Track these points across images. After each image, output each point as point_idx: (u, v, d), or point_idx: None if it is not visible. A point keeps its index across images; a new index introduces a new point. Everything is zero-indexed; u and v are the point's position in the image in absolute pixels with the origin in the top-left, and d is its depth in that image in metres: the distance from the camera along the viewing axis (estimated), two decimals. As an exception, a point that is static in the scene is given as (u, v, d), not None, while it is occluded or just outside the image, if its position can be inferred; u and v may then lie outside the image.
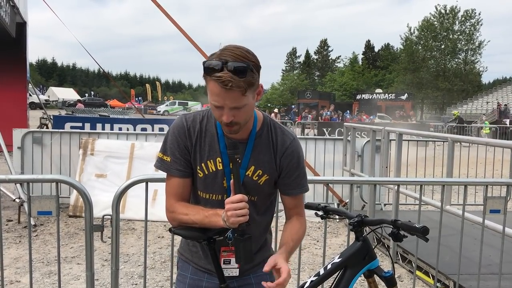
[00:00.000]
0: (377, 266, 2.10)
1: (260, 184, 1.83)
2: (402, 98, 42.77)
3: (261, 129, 1.83)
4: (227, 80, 1.55)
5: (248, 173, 1.81)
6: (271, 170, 1.83)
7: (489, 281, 3.96)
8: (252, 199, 1.83)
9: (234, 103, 1.61)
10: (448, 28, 54.74)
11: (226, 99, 1.60)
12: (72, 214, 6.68)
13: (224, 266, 1.85)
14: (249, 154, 1.81)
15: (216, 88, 1.59)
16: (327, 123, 26.24)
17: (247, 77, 1.58)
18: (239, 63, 1.56)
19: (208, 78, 1.60)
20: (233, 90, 1.57)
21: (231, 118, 1.64)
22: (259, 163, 1.81)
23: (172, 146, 1.81)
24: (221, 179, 1.81)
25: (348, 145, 7.47)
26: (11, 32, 11.27)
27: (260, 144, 1.82)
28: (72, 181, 2.74)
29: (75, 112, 22.35)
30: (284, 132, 1.86)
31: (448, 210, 4.70)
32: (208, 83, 1.62)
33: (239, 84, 1.57)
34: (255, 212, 1.85)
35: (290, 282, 4.90)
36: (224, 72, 1.55)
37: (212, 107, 1.68)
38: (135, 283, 4.47)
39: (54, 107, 47.38)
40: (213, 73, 1.57)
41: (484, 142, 5.76)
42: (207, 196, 1.84)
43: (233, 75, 1.55)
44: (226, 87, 1.56)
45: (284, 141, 1.83)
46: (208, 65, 1.59)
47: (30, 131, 7.54)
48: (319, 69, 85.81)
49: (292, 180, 1.86)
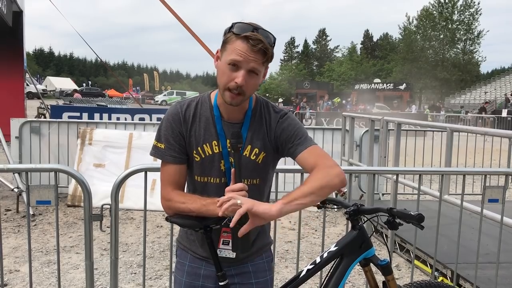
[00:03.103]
0: (373, 255, 2.10)
1: (259, 163, 1.84)
2: (401, 88, 42.72)
3: (255, 108, 1.86)
4: (258, 39, 1.63)
5: (245, 153, 1.82)
6: (267, 147, 1.85)
7: (486, 270, 3.98)
8: (254, 182, 1.84)
9: (254, 65, 1.66)
10: (447, 18, 54.53)
11: (249, 59, 1.65)
12: (71, 204, 6.68)
13: (222, 247, 1.85)
14: (245, 133, 1.83)
15: (243, 47, 1.64)
16: (326, 113, 26.17)
17: (271, 48, 1.68)
18: (267, 32, 1.68)
19: (234, 38, 1.65)
20: (259, 52, 1.65)
21: (244, 82, 1.67)
22: (255, 141, 1.83)
23: (166, 133, 1.82)
24: (218, 162, 1.82)
25: (346, 135, 7.47)
26: (8, 21, 11.19)
27: (254, 122, 1.85)
28: (71, 170, 2.73)
29: (73, 102, 22.31)
30: (275, 110, 1.90)
31: (446, 200, 4.72)
32: (231, 43, 1.66)
33: (267, 47, 1.66)
34: (259, 196, 1.84)
35: (288, 271, 4.91)
36: (256, 33, 1.64)
37: (223, 71, 1.69)
38: (134, 272, 4.49)
39: (51, 97, 47.13)
40: (244, 32, 1.64)
41: (482, 132, 5.75)
42: (204, 180, 1.84)
43: (263, 38, 1.64)
44: (256, 46, 1.63)
45: (276, 117, 1.87)
46: (239, 25, 1.66)
47: (28, 120, 7.51)
48: (318, 59, 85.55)
49: (296, 141, 1.82)
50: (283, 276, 4.46)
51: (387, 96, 41.45)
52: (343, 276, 2.02)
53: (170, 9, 7.26)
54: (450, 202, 4.77)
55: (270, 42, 1.67)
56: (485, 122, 23.47)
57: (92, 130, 7.23)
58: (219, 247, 1.86)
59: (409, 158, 7.97)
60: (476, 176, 7.68)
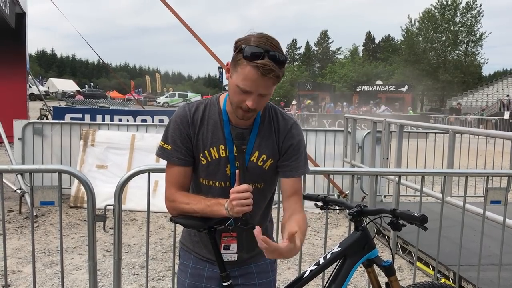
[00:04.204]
0: (376, 256, 2.11)
1: (266, 170, 1.85)
2: (403, 90, 42.67)
3: (263, 114, 1.86)
4: (269, 69, 1.59)
5: (252, 159, 1.82)
6: (274, 154, 1.86)
7: (489, 272, 3.97)
8: (258, 186, 1.84)
9: (265, 90, 1.66)
10: (449, 20, 54.49)
11: (259, 86, 1.64)
12: (73, 205, 6.69)
13: (223, 251, 1.86)
14: (254, 140, 1.83)
15: (253, 74, 1.61)
16: (328, 115, 26.15)
17: (282, 68, 1.65)
18: (279, 54, 1.62)
19: (245, 63, 1.61)
20: (270, 78, 1.62)
21: (255, 105, 1.67)
22: (263, 148, 1.84)
23: (174, 135, 1.81)
24: (224, 166, 1.82)
25: (348, 137, 7.47)
26: (11, 22, 11.22)
27: (263, 129, 1.85)
28: (75, 171, 2.74)
29: (75, 103, 22.36)
30: (284, 117, 1.90)
31: (448, 202, 4.71)
32: (241, 67, 1.62)
33: (278, 74, 1.63)
34: (262, 200, 1.87)
35: (291, 272, 4.91)
36: (267, 60, 1.59)
37: (235, 91, 1.68)
38: (137, 273, 4.50)
39: (53, 98, 47.27)
40: (254, 59, 1.59)
41: (485, 133, 5.74)
42: (209, 183, 1.85)
43: (274, 65, 1.60)
44: (267, 75, 1.60)
45: (286, 125, 1.88)
46: (250, 50, 1.60)
47: (31, 122, 7.53)
48: (320, 61, 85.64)
49: (291, 162, 1.87)
50: (285, 277, 4.46)
51: (388, 98, 41.42)
52: (347, 277, 2.02)
53: (172, 11, 7.28)
54: (452, 203, 4.77)
55: (281, 63, 1.63)
56: (486, 124, 23.44)
57: (95, 131, 7.24)
58: (221, 251, 1.87)
59: (411, 160, 7.97)
60: (478, 178, 7.67)
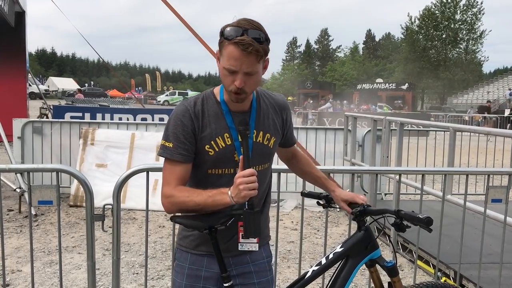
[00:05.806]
0: (379, 256, 2.09)
1: (271, 148, 1.94)
2: (403, 88, 42.64)
3: (257, 97, 1.94)
4: (248, 43, 1.66)
5: (258, 140, 1.89)
6: (276, 131, 1.96)
7: (490, 270, 3.96)
8: (265, 167, 1.93)
9: (249, 67, 1.71)
10: (449, 17, 54.39)
11: (243, 63, 1.69)
12: (73, 204, 6.68)
13: (242, 241, 1.88)
14: (253, 122, 1.88)
15: (235, 52, 1.68)
16: (328, 113, 26.09)
17: (263, 45, 1.70)
18: (257, 31, 1.70)
19: (226, 43, 1.69)
20: (251, 54, 1.68)
21: (243, 84, 1.73)
22: (266, 127, 1.92)
23: (175, 131, 1.81)
24: (232, 153, 1.85)
25: (348, 135, 7.45)
26: (10, 21, 11.20)
27: (261, 111, 1.93)
28: (73, 170, 2.72)
29: (75, 102, 22.36)
30: (275, 94, 2.04)
31: (449, 200, 4.69)
32: (225, 48, 1.71)
33: (258, 49, 1.68)
34: (265, 180, 1.95)
35: (291, 271, 4.88)
36: (245, 36, 1.67)
37: (224, 74, 1.75)
38: (136, 272, 4.49)
39: (53, 97, 47.28)
40: (234, 37, 1.67)
41: (485, 131, 5.72)
42: (219, 172, 1.86)
43: (253, 40, 1.67)
44: (246, 50, 1.67)
45: (279, 100, 2.01)
46: (229, 30, 1.69)
47: (30, 121, 7.51)
48: (320, 59, 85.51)
49: (291, 132, 2.10)
50: (285, 276, 4.45)
51: (389, 96, 41.39)
52: (349, 278, 2.01)
53: (172, 10, 7.26)
54: (453, 202, 4.75)
55: (262, 40, 1.69)
56: (487, 121, 23.43)
57: (94, 130, 7.23)
58: (240, 242, 1.88)
59: (411, 158, 7.95)
60: (479, 176, 7.63)
